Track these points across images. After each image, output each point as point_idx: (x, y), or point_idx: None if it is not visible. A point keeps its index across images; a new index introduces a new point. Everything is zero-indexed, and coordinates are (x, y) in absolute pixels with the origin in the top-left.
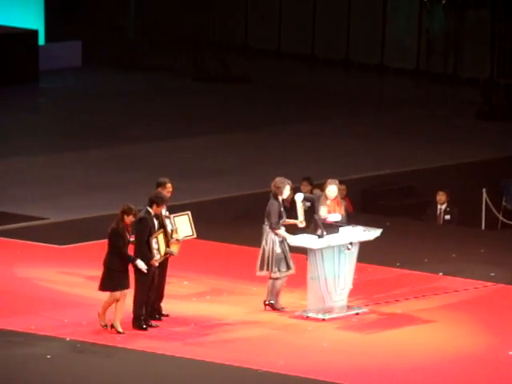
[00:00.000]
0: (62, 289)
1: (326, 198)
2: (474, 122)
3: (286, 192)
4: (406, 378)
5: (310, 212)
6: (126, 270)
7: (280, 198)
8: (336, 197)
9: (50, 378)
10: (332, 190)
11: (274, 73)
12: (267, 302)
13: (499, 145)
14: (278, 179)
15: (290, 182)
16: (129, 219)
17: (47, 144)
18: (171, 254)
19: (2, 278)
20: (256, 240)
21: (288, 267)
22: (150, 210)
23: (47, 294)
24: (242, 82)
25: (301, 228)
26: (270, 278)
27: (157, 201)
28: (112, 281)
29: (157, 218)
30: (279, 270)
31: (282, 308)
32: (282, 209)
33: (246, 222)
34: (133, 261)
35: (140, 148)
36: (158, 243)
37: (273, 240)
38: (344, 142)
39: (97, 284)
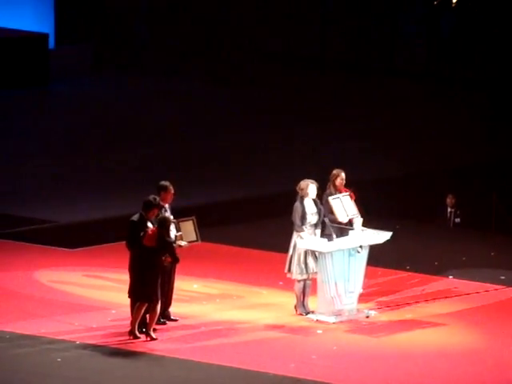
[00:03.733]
0: (73, 292)
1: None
2: (482, 124)
3: (312, 192)
4: (416, 382)
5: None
6: None
7: (307, 200)
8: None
9: (59, 381)
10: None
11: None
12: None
13: (508, 147)
14: (301, 182)
15: (313, 181)
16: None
17: (57, 147)
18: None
19: (12, 281)
20: (266, 243)
21: (307, 270)
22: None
23: (57, 297)
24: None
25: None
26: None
27: (145, 207)
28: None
29: (151, 223)
30: (299, 273)
31: (307, 313)
32: (308, 210)
33: (257, 225)
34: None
35: (150, 152)
36: None
37: (295, 242)
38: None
39: (107, 287)
